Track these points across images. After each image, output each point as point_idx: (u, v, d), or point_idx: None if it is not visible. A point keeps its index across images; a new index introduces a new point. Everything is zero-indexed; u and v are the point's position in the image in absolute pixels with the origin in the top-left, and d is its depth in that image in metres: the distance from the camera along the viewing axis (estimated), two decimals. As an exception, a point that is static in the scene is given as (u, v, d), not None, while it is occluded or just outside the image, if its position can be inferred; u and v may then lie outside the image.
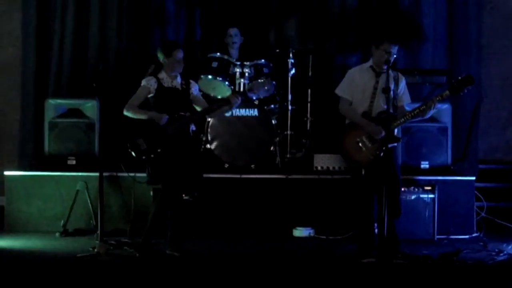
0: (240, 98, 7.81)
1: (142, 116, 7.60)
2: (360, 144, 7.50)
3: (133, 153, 7.55)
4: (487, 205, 9.28)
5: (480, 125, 10.33)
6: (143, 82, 7.77)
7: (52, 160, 9.22)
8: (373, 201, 7.57)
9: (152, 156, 7.51)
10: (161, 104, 7.68)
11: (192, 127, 7.87)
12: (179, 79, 7.83)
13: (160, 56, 7.79)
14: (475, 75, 9.91)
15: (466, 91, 7.36)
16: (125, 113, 7.67)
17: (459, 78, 7.37)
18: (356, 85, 7.68)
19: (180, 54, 7.77)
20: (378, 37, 7.66)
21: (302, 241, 8.60)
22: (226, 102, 7.80)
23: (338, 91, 7.78)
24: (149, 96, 7.71)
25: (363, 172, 7.55)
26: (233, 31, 10.02)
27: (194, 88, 7.93)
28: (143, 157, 7.52)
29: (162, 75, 7.79)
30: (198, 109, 7.91)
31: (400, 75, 7.69)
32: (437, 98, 7.36)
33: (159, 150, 7.50)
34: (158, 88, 7.70)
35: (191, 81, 7.94)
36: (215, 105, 7.94)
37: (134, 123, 7.62)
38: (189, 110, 7.79)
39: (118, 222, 8.77)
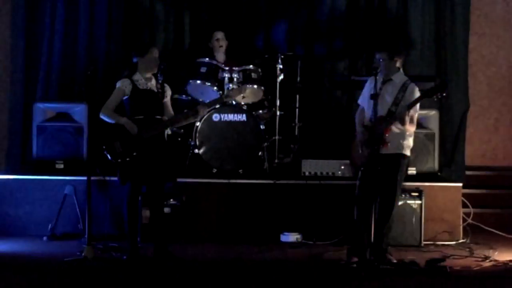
0: (205, 111, 7.88)
1: (116, 121, 7.59)
2: (358, 147, 7.60)
3: (108, 156, 7.55)
4: (473, 211, 9.32)
5: (467, 132, 10.36)
6: (118, 84, 7.69)
7: (40, 164, 9.22)
8: (368, 206, 7.60)
9: (127, 159, 7.51)
10: (136, 106, 7.63)
11: (167, 131, 7.88)
12: (153, 81, 7.81)
13: (135, 57, 7.74)
14: (462, 81, 10.08)
15: (439, 96, 7.43)
16: (101, 116, 7.63)
17: (434, 84, 7.49)
18: (366, 93, 7.79)
19: (155, 53, 7.76)
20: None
21: (290, 246, 8.61)
22: (194, 112, 7.81)
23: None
24: (124, 98, 7.70)
25: (359, 175, 7.65)
26: (219, 34, 10.03)
27: (168, 93, 7.90)
28: (119, 160, 7.52)
29: (137, 76, 7.71)
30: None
31: (411, 84, 7.62)
32: (407, 108, 7.43)
33: (134, 154, 7.50)
34: (133, 90, 7.63)
35: (165, 85, 7.91)
36: (181, 115, 7.94)
37: (111, 126, 7.62)
38: (163, 113, 7.79)
39: (105, 226, 8.76)
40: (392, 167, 7.53)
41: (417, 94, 7.61)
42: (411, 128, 7.61)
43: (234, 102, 9.36)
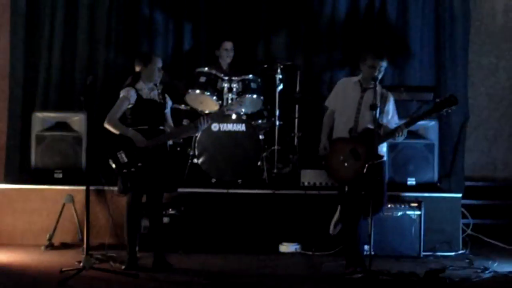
0: (206, 123, 7.79)
1: (122, 132, 7.57)
2: (343, 160, 7.49)
3: (114, 166, 7.53)
4: (473, 222, 9.30)
5: (466, 142, 10.36)
6: (123, 93, 7.66)
7: (38, 174, 9.20)
8: (358, 217, 7.56)
9: (132, 170, 7.49)
10: (140, 116, 7.62)
11: (169, 142, 7.87)
12: (155, 92, 7.80)
13: (139, 66, 7.74)
14: (462, 92, 10.08)
15: (449, 111, 7.41)
16: (106, 126, 7.59)
17: (443, 98, 7.41)
18: (340, 97, 7.72)
19: (159, 63, 7.76)
20: (364, 53, 7.67)
21: (288, 256, 8.59)
22: (194, 125, 7.76)
23: (326, 101, 7.86)
24: (128, 107, 7.69)
25: (346, 189, 7.59)
26: (228, 44, 10.02)
27: (169, 104, 7.90)
28: (124, 171, 7.50)
29: (140, 85, 7.70)
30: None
31: (388, 93, 7.66)
32: (404, 126, 7.39)
33: (139, 164, 7.48)
34: (138, 99, 7.63)
35: (166, 95, 7.91)
36: (182, 128, 7.91)
37: (115, 136, 7.61)
38: (164, 124, 7.79)
39: (104, 236, 8.73)
40: (379, 175, 7.48)
41: (394, 101, 7.66)
42: None
43: (234, 116, 9.33)
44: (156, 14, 10.49)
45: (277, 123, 9.72)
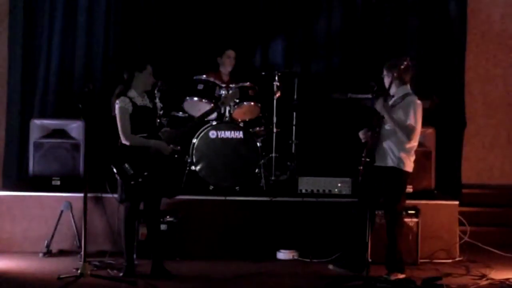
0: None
1: (144, 145, 7.54)
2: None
3: (121, 179, 7.52)
4: (470, 229, 9.30)
5: (463, 150, 10.38)
6: (120, 104, 7.55)
7: (36, 181, 9.18)
8: (363, 218, 7.59)
9: (140, 180, 7.49)
10: (137, 124, 7.57)
11: None
12: (146, 98, 7.77)
13: (130, 73, 7.66)
14: (458, 99, 10.10)
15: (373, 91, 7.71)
16: (130, 144, 7.53)
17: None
18: None
19: (151, 68, 7.76)
20: None
21: (286, 263, 8.58)
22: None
23: None
24: None
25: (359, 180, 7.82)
26: (232, 53, 10.01)
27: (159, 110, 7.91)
28: (132, 182, 7.49)
29: (132, 93, 7.63)
30: None
31: (412, 95, 7.84)
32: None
33: (145, 174, 7.49)
34: (134, 108, 7.57)
35: (156, 101, 7.91)
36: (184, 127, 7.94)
37: (116, 146, 7.60)
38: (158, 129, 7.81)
39: (102, 243, 8.74)
40: (382, 182, 7.59)
41: (415, 104, 7.74)
42: (406, 140, 7.73)
43: (228, 108, 9.36)
44: (155, 23, 10.50)
45: (275, 130, 9.74)
